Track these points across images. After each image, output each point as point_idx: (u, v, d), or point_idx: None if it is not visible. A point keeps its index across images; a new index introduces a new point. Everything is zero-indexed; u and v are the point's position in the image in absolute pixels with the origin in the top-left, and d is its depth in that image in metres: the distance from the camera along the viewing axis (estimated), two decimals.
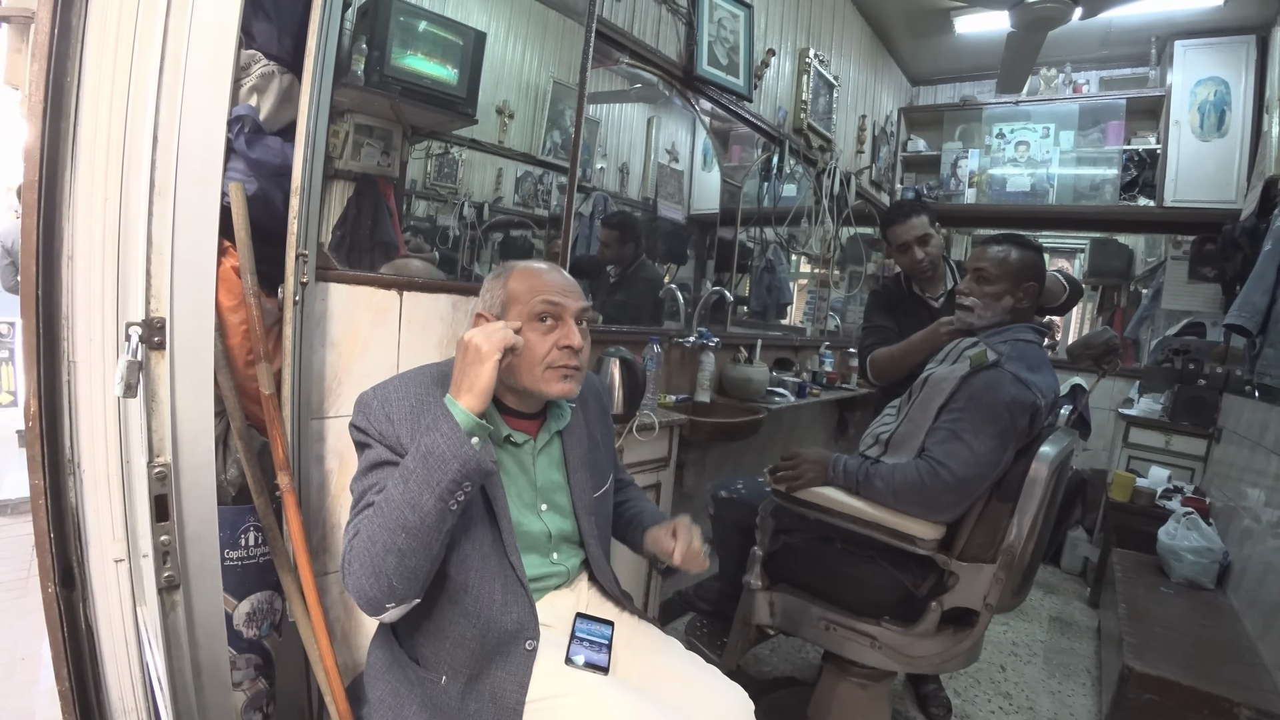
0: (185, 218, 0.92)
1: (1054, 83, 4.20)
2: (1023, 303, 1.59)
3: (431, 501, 0.85)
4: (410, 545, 0.86)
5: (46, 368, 1.01)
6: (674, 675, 1.08)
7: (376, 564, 0.87)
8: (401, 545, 0.86)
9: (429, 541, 0.88)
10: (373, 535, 0.87)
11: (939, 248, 2.16)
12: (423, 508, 0.85)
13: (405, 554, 0.86)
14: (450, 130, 1.72)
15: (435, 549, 0.89)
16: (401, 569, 0.87)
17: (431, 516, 0.86)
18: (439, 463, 0.85)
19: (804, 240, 3.65)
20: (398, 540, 0.86)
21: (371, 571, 0.87)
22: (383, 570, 0.87)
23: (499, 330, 0.93)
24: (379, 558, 0.86)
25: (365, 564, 0.87)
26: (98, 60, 0.99)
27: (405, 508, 0.86)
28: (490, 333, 0.92)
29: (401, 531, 0.86)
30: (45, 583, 1.04)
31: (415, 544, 0.87)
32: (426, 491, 0.85)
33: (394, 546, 0.86)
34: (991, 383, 1.42)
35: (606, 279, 2.43)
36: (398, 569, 0.87)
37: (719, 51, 2.49)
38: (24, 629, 2.38)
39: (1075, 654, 2.65)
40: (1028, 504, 1.39)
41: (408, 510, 0.86)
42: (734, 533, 1.81)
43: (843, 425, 3.68)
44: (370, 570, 0.87)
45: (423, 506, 0.85)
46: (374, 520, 0.88)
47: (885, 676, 1.66)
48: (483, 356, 0.90)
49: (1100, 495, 3.39)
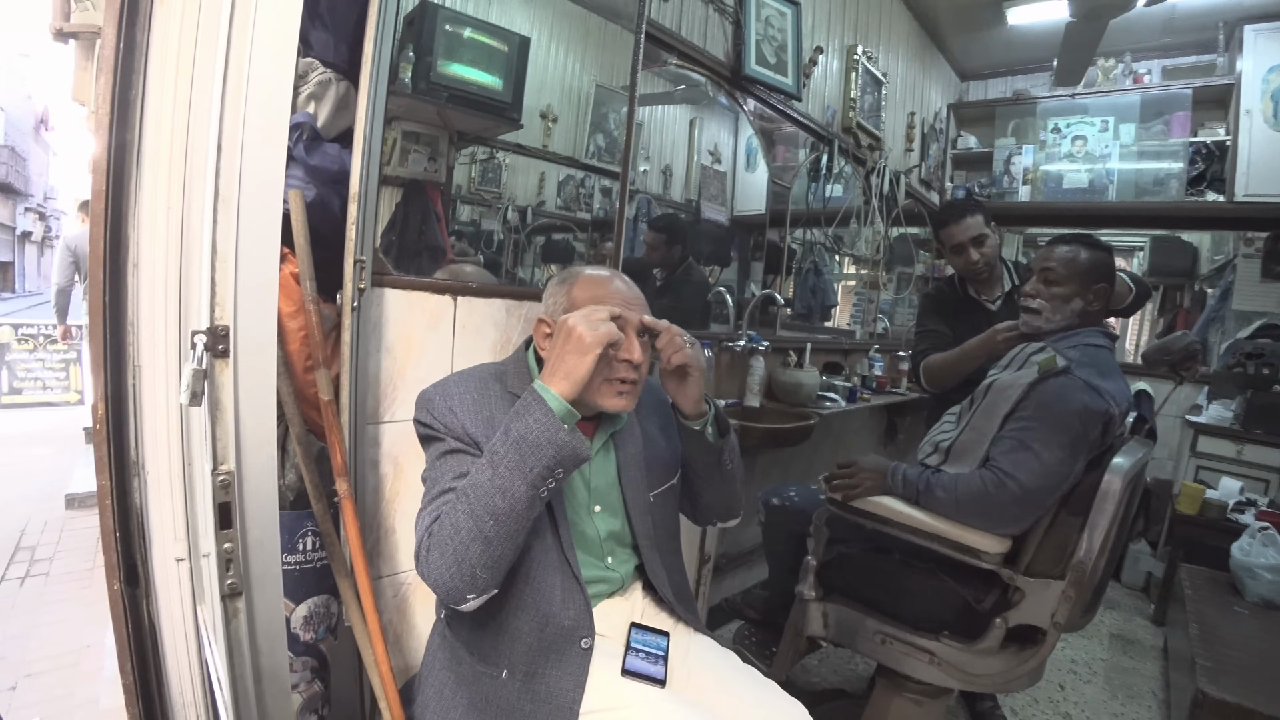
0: (249, 225, 0.93)
1: (1113, 74, 4.02)
2: (1093, 305, 1.51)
3: (523, 488, 0.84)
4: (498, 533, 0.85)
5: (113, 372, 1.04)
6: (732, 690, 1.05)
7: (460, 552, 0.85)
8: (489, 532, 0.85)
9: (516, 530, 0.87)
10: (457, 522, 0.86)
11: (995, 248, 2.09)
12: (513, 494, 0.84)
13: (492, 542, 0.85)
14: (495, 135, 1.73)
15: (520, 538, 0.89)
16: (487, 558, 0.86)
17: (522, 503, 0.85)
18: (532, 448, 0.84)
19: (851, 241, 3.57)
20: (485, 527, 0.85)
21: (454, 560, 0.86)
22: (466, 559, 0.85)
23: (605, 323, 0.90)
24: (464, 545, 0.85)
25: (447, 552, 0.86)
26: (160, 73, 1.01)
27: (495, 494, 0.85)
28: (596, 324, 0.90)
29: (490, 518, 0.85)
30: (111, 580, 1.07)
31: (503, 531, 0.85)
32: (518, 478, 0.84)
33: (480, 534, 0.85)
34: (1062, 390, 1.35)
35: (653, 282, 2.41)
36: (483, 557, 0.85)
37: (767, 50, 2.45)
38: (88, 618, 2.48)
39: (1139, 674, 2.52)
40: (1099, 518, 1.32)
41: (497, 496, 0.84)
42: (785, 541, 1.77)
43: (892, 431, 3.59)
44: (453, 558, 0.86)
45: (513, 493, 0.84)
46: (458, 506, 0.87)
47: (942, 693, 1.60)
48: (585, 347, 0.88)
49: (1165, 507, 3.23)
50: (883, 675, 1.65)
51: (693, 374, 1.05)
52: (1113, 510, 1.31)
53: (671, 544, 1.20)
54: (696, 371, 1.05)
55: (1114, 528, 1.34)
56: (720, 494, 1.20)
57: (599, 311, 0.92)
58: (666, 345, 1.02)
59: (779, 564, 1.86)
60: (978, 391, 1.56)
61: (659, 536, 1.15)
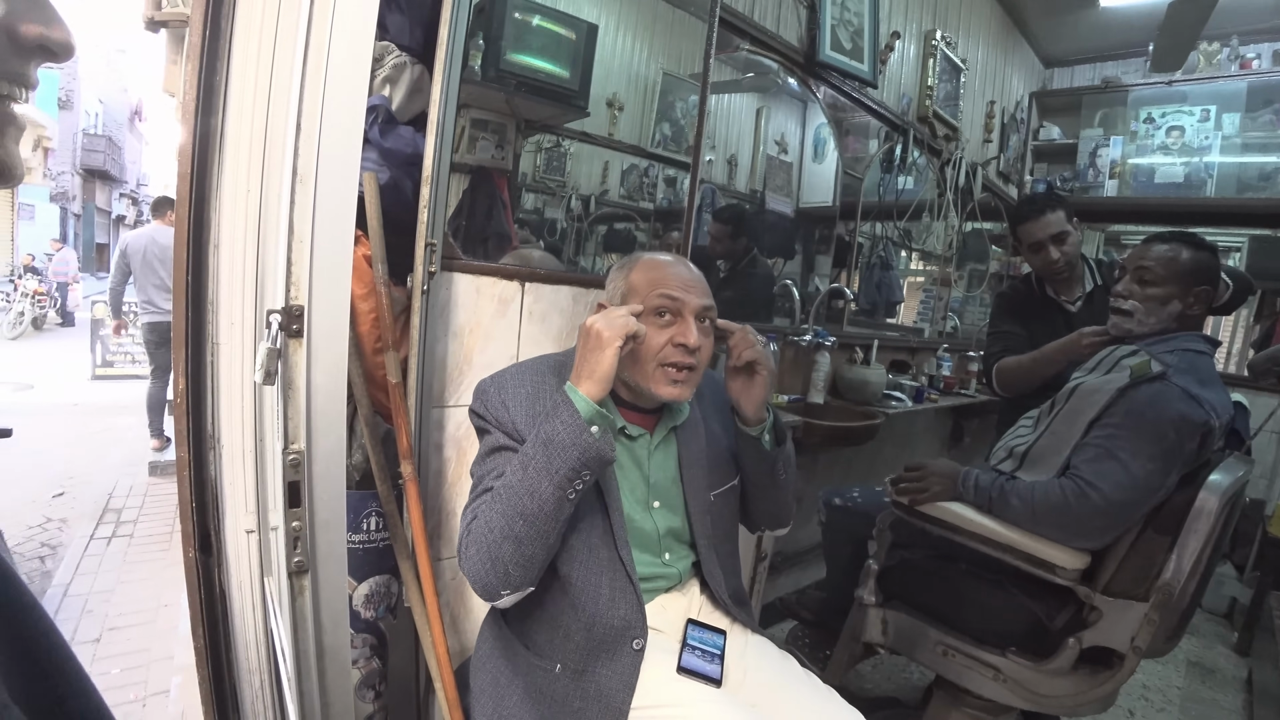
0: (325, 205, 0.95)
1: (1217, 58, 3.72)
2: (1193, 309, 1.40)
3: (550, 489, 0.85)
4: (528, 533, 0.87)
5: (194, 349, 1.08)
6: (789, 695, 1.02)
7: (493, 550, 0.87)
8: (519, 532, 0.86)
9: (546, 530, 0.88)
10: (490, 521, 0.88)
11: (1076, 246, 1.96)
12: (541, 495, 0.86)
13: (522, 541, 0.87)
14: (562, 123, 1.73)
15: (552, 538, 0.89)
16: (518, 556, 0.87)
17: (550, 504, 0.86)
18: (558, 450, 0.85)
19: (921, 236, 3.44)
20: (515, 527, 0.86)
21: (489, 557, 0.88)
22: (499, 557, 0.87)
23: (621, 316, 0.90)
24: (496, 544, 0.87)
25: (482, 550, 0.88)
26: (243, 58, 1.03)
27: (524, 495, 0.86)
28: (612, 318, 0.90)
29: (520, 518, 0.86)
30: (186, 547, 1.12)
31: (533, 531, 0.87)
32: (545, 479, 0.85)
33: (511, 533, 0.86)
34: (1157, 397, 1.26)
35: (716, 273, 2.38)
36: (514, 556, 0.87)
37: (842, 35, 2.37)
38: (167, 579, 2.64)
39: (1219, 707, 2.34)
40: (1190, 538, 1.23)
41: (526, 497, 0.86)
42: (846, 543, 1.72)
43: (958, 434, 3.46)
44: (487, 556, 0.88)
45: (541, 494, 0.86)
46: (492, 506, 0.89)
47: (1004, 711, 1.52)
48: (604, 342, 0.88)
49: (1255, 528, 3.02)
50: (941, 688, 1.59)
51: (760, 374, 1.02)
52: (1206, 530, 1.22)
53: (729, 545, 1.18)
54: (765, 371, 1.02)
55: (1206, 549, 1.24)
56: (771, 503, 1.18)
57: (618, 310, 0.92)
58: (739, 342, 1.01)
59: (838, 566, 1.82)
60: (1059, 395, 1.47)
61: (717, 537, 1.13)
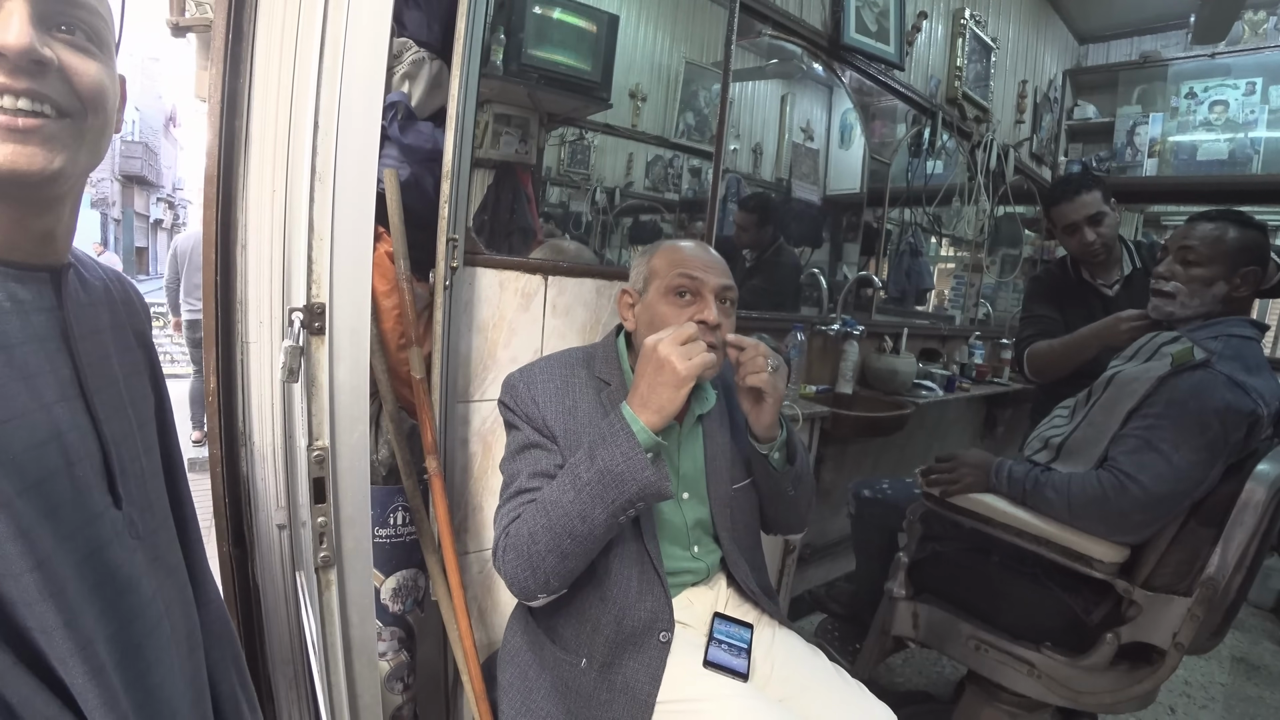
0: (344, 203, 0.96)
1: (1263, 28, 3.55)
2: (1240, 291, 1.34)
3: (604, 516, 0.86)
4: (574, 549, 0.88)
5: (224, 348, 1.10)
6: (817, 689, 1.01)
7: (536, 561, 0.88)
8: (566, 549, 0.87)
9: (592, 549, 0.89)
10: (534, 533, 0.88)
11: (1114, 227, 1.89)
12: (593, 520, 0.86)
13: (568, 556, 0.88)
14: (585, 116, 1.73)
15: (595, 552, 0.91)
16: (561, 569, 0.89)
17: (600, 529, 0.87)
18: (616, 481, 0.85)
19: (951, 221, 3.36)
20: (562, 544, 0.87)
21: (529, 566, 0.89)
22: (541, 567, 0.88)
23: (701, 353, 0.89)
24: (540, 556, 0.88)
25: (523, 558, 0.89)
26: (266, 59, 1.05)
27: (575, 518, 0.86)
28: (690, 353, 0.88)
29: (568, 538, 0.87)
30: (220, 542, 1.15)
31: (579, 549, 0.88)
32: (599, 507, 0.86)
33: (557, 549, 0.87)
34: (1200, 385, 1.21)
35: (742, 263, 2.36)
36: (557, 568, 0.88)
37: (867, 17, 2.31)
38: None
39: (1265, 704, 2.27)
40: (1237, 531, 1.19)
41: (577, 520, 0.86)
42: (875, 535, 1.70)
43: (991, 423, 3.39)
44: (528, 565, 0.89)
45: (593, 519, 0.86)
46: (537, 519, 0.89)
47: (1038, 708, 1.49)
48: (679, 381, 0.87)
49: None
50: (974, 683, 1.56)
51: (768, 400, 1.00)
52: (1254, 523, 1.17)
53: (751, 538, 1.17)
54: (772, 398, 0.99)
55: (1254, 543, 1.20)
56: (782, 512, 1.17)
57: (687, 329, 0.90)
58: (747, 363, 0.98)
59: (868, 558, 1.79)
60: (1097, 384, 1.42)
61: (738, 530, 1.13)
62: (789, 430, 1.08)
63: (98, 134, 0.55)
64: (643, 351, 0.90)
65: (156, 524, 0.63)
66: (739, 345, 0.98)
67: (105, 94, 0.55)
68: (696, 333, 0.90)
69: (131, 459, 0.60)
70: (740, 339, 0.99)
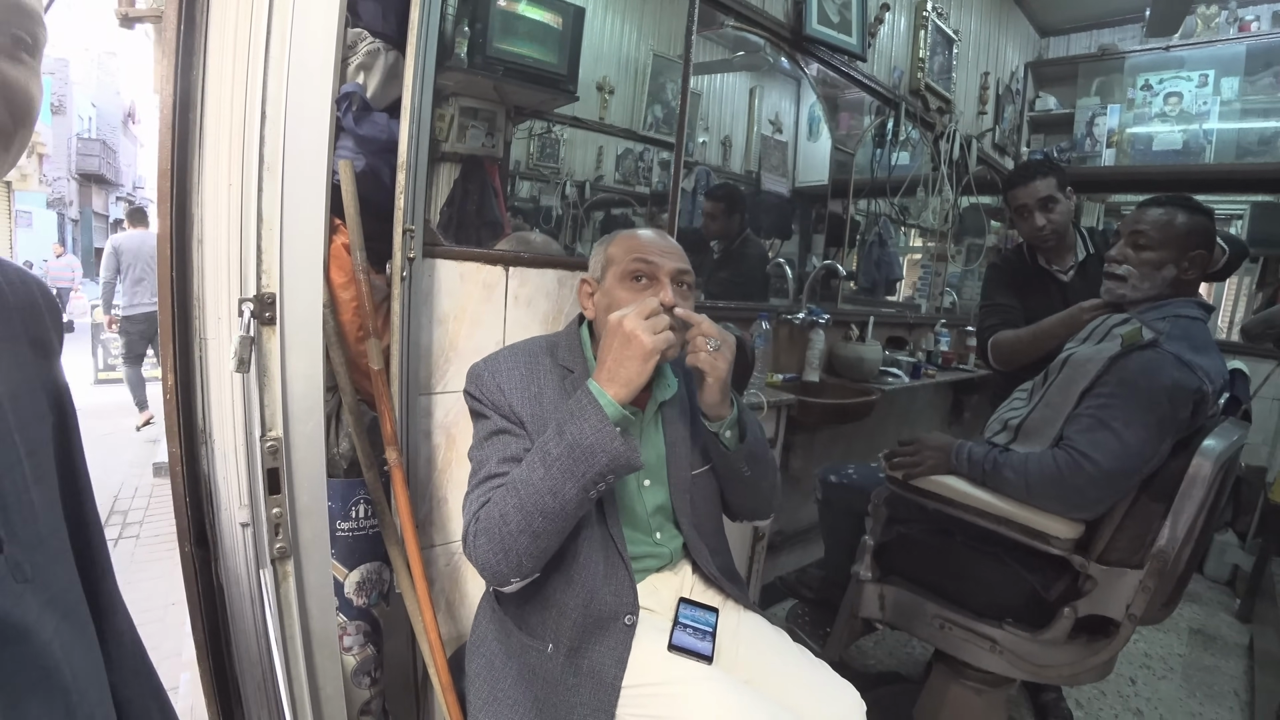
0: (295, 193, 0.95)
1: (1215, 22, 3.65)
2: (1188, 274, 1.39)
3: (574, 491, 0.86)
4: (546, 528, 0.87)
5: (181, 344, 1.08)
6: (782, 670, 1.03)
7: (508, 543, 0.88)
8: (538, 528, 0.87)
9: (564, 526, 0.89)
10: (505, 514, 0.88)
11: (1066, 214, 1.94)
12: (564, 495, 0.86)
13: (540, 535, 0.87)
14: (552, 109, 1.72)
15: (567, 532, 0.91)
16: (533, 549, 0.88)
17: (572, 504, 0.87)
18: (586, 454, 0.85)
19: (918, 211, 3.42)
20: (534, 523, 0.87)
21: (501, 549, 0.88)
22: (513, 549, 0.88)
23: (666, 329, 0.90)
24: (512, 537, 0.87)
25: (495, 541, 0.88)
26: (219, 49, 1.03)
27: (546, 494, 0.86)
28: (655, 327, 0.89)
29: (540, 515, 0.87)
30: (182, 543, 1.13)
31: (551, 528, 0.88)
32: (570, 481, 0.86)
33: (529, 528, 0.87)
34: (1149, 365, 1.25)
35: (710, 255, 2.37)
36: (529, 549, 0.88)
37: (829, 8, 2.33)
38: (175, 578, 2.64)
39: (1220, 673, 2.36)
40: (1185, 504, 1.23)
41: (548, 496, 0.86)
42: (843, 520, 1.72)
43: (958, 409, 3.46)
44: (500, 547, 0.88)
45: (564, 494, 0.86)
46: (507, 500, 0.89)
47: (1003, 683, 1.54)
48: (645, 354, 0.88)
49: (1257, 496, 3.02)
50: (941, 661, 1.60)
51: (708, 381, 1.00)
52: (1201, 497, 1.22)
53: (712, 524, 1.18)
54: (713, 378, 0.99)
55: (1201, 516, 1.24)
56: (742, 496, 1.17)
57: (650, 304, 0.91)
58: (690, 342, 0.99)
59: (836, 543, 1.82)
60: (1052, 366, 1.46)
61: (698, 516, 1.13)
62: (740, 408, 1.09)
63: (22, 146, 0.53)
64: (609, 327, 0.91)
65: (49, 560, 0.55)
66: (686, 321, 0.98)
67: (35, 106, 0.52)
68: (659, 307, 0.91)
69: (16, 492, 0.53)
70: (689, 314, 0.99)
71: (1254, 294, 4.63)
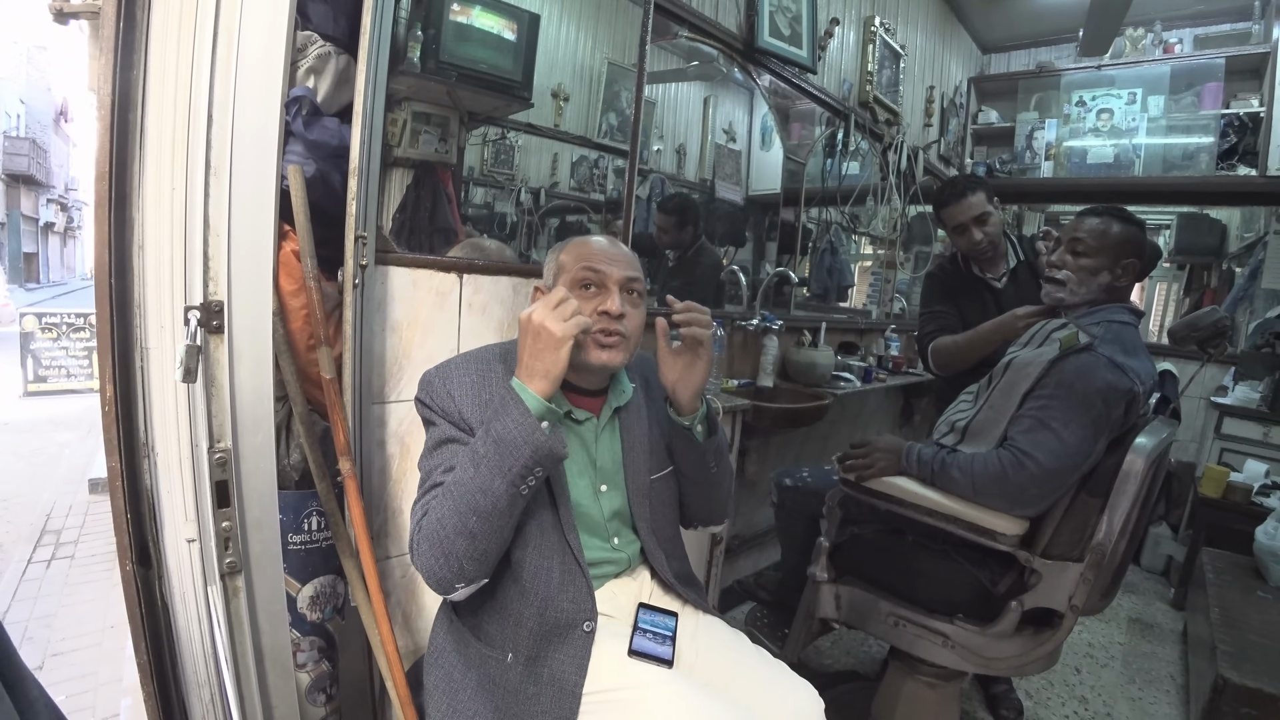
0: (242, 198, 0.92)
1: (1142, 44, 3.88)
2: (1121, 280, 1.47)
3: (503, 486, 0.86)
4: (482, 528, 0.87)
5: (120, 354, 1.04)
6: (741, 671, 1.04)
7: (447, 546, 0.87)
8: (473, 528, 0.86)
9: (500, 525, 0.88)
10: (443, 518, 0.87)
11: (999, 225, 2.03)
12: (494, 492, 0.86)
13: (476, 537, 0.87)
14: (506, 115, 1.72)
15: (506, 532, 0.90)
16: (472, 551, 0.87)
17: (503, 501, 0.86)
18: (510, 449, 0.85)
19: (868, 220, 3.51)
20: (469, 523, 0.86)
21: (442, 553, 0.88)
22: (453, 552, 0.87)
23: (574, 316, 0.90)
24: (449, 540, 0.87)
25: (435, 545, 0.88)
26: (162, 49, 1.00)
27: (476, 492, 0.86)
28: (563, 315, 0.89)
29: (473, 515, 0.86)
30: (123, 561, 1.08)
31: (486, 527, 0.87)
32: (498, 477, 0.85)
33: (465, 529, 0.86)
34: (1084, 367, 1.31)
35: (665, 263, 2.39)
36: (468, 551, 0.87)
37: (780, 22, 2.39)
38: (115, 599, 2.53)
39: (1157, 659, 2.48)
40: (1120, 499, 1.29)
41: (479, 495, 0.86)
42: (798, 522, 1.75)
43: (908, 412, 3.55)
44: (440, 552, 0.88)
45: (494, 491, 0.86)
46: (444, 503, 0.88)
47: (955, 676, 1.58)
48: (557, 342, 0.88)
49: (1188, 490, 3.18)
50: (896, 658, 1.63)
51: (702, 358, 1.02)
52: (1134, 491, 1.28)
53: (670, 529, 1.18)
54: (707, 356, 1.02)
55: (1135, 509, 1.31)
56: (703, 497, 1.18)
57: (557, 294, 0.91)
58: (690, 319, 1.00)
59: (792, 545, 1.85)
60: (996, 370, 1.52)
61: (656, 521, 1.14)
62: (707, 402, 1.11)
63: None
64: (520, 326, 0.92)
65: None
66: (685, 308, 1.01)
67: None
68: (567, 295, 0.91)
69: None
70: (674, 302, 1.02)
71: (1181, 300, 4.89)
